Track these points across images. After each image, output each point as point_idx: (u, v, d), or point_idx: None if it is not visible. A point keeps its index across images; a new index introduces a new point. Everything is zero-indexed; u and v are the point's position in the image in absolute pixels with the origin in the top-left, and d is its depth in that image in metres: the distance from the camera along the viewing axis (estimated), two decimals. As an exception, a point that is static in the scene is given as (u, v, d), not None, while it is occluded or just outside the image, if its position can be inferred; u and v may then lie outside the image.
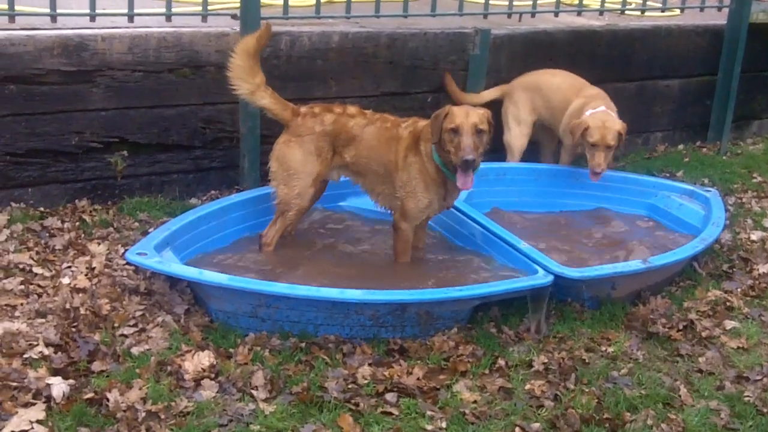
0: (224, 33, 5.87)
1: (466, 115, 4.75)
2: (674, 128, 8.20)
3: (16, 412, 3.56)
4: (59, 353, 4.01)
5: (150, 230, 5.21)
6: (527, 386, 4.13)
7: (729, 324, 4.86)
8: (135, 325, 4.34)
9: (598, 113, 5.97)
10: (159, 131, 5.84)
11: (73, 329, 4.21)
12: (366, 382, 4.04)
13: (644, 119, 7.74)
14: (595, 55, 7.45)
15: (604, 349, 4.51)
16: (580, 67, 7.20)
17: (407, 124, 5.11)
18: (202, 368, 4.00)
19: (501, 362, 4.31)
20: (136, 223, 5.50)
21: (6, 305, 4.40)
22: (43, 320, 4.27)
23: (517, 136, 6.54)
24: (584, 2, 8.15)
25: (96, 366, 3.97)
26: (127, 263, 4.73)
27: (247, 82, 5.05)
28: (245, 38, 5.12)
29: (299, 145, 5.08)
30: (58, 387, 3.74)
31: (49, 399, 3.68)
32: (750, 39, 7.96)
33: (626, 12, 8.28)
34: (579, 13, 7.97)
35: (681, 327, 4.74)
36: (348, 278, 4.89)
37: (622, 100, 6.84)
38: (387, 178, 5.06)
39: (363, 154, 5.09)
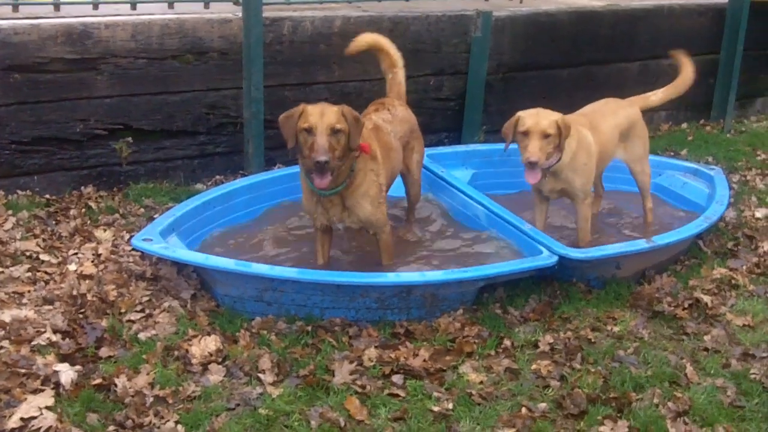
0: (226, 19, 5.82)
1: (321, 114, 4.34)
2: (678, 107, 8.13)
3: (25, 399, 3.53)
4: (67, 340, 3.98)
5: (155, 216, 5.18)
6: (533, 366, 4.09)
7: (734, 302, 4.81)
8: (142, 311, 4.31)
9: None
10: (163, 117, 5.80)
11: (81, 316, 4.20)
12: (372, 364, 4.01)
13: (647, 99, 7.69)
14: (598, 35, 7.39)
15: (609, 328, 4.47)
16: (582, 48, 7.16)
17: None
18: (209, 353, 3.98)
19: (507, 343, 4.27)
20: (142, 209, 5.48)
21: (13, 292, 4.37)
22: (51, 307, 4.24)
23: None
24: (586, -17, 8.08)
25: (103, 352, 3.95)
26: (134, 249, 4.70)
27: None
28: None
29: None
30: (66, 373, 3.71)
31: (57, 385, 3.66)
32: (752, 17, 7.89)
33: (628, -8, 8.20)
34: (581, -6, 7.91)
35: (686, 305, 4.70)
36: (352, 261, 4.89)
37: (626, 80, 6.80)
38: None
39: None
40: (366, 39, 5.33)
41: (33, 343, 3.92)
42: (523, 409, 3.77)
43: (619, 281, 4.87)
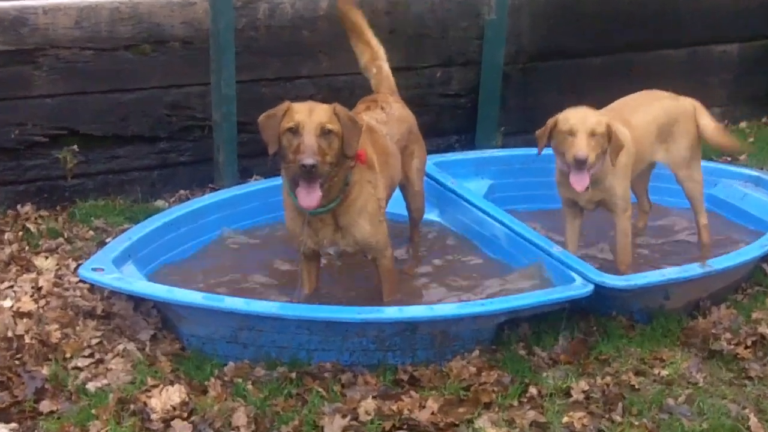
0: (190, 2, 5.83)
1: (310, 112, 4.32)
2: (734, 102, 8.13)
3: (-53, 467, 3.51)
4: (0, 392, 3.96)
5: (108, 240, 5.17)
6: (565, 419, 4.07)
7: (807, 338, 4.79)
8: (91, 356, 4.30)
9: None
10: (116, 120, 5.81)
11: (17, 362, 4.17)
12: (369, 418, 3.98)
13: (697, 92, 7.56)
14: (633, 16, 7.38)
15: (657, 371, 4.46)
16: (614, 32, 7.13)
17: None
18: (172, 406, 3.95)
19: (533, 391, 4.25)
20: (91, 232, 5.47)
21: (-65, 334, 4.35)
22: (-20, 352, 4.22)
23: None
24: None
25: (44, 406, 3.93)
26: (81, 281, 4.69)
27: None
28: None
29: None
30: (-1, 433, 3.69)
31: (-12, 448, 3.64)
32: (821, -9, 7.90)
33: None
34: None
35: (749, 343, 4.67)
36: (347, 295, 4.89)
37: (669, 71, 6.78)
38: None
39: None
40: (354, 13, 5.33)
41: (-42, 396, 3.90)
42: (554, 473, 3.75)
43: (668, 314, 4.85)
